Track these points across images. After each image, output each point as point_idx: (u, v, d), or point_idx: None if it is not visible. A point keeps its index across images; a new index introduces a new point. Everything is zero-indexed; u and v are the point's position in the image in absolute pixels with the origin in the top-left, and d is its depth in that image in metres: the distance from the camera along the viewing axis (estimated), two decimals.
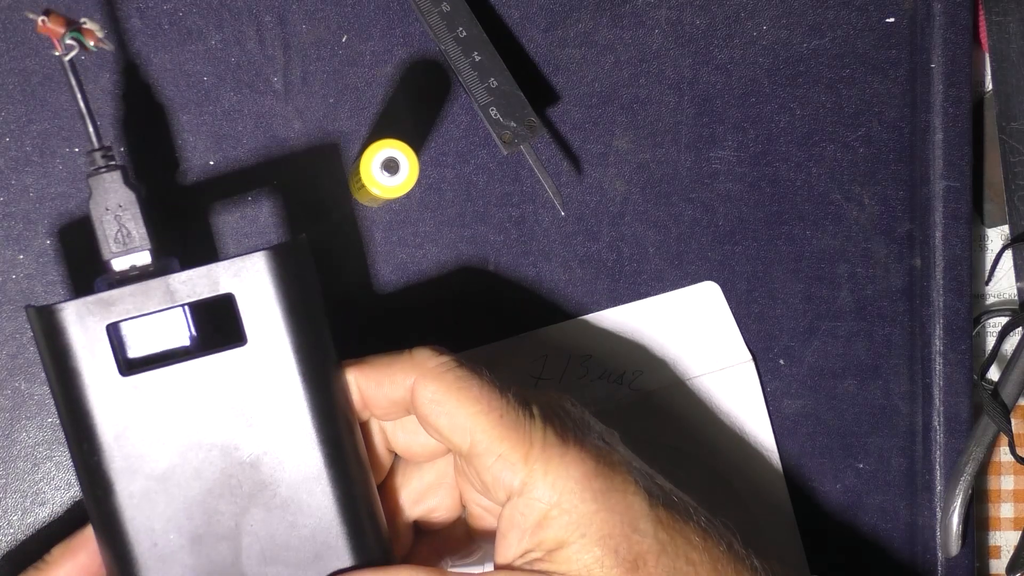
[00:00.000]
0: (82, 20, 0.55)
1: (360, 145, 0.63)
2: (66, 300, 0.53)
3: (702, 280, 0.65)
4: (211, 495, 0.54)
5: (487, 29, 0.62)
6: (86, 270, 0.61)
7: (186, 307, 0.54)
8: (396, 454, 0.57)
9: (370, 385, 0.55)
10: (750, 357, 0.65)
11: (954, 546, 0.65)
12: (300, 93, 0.63)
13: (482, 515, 0.57)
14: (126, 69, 0.61)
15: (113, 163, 0.54)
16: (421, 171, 0.61)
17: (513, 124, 0.62)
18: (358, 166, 0.58)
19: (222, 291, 0.53)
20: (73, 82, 0.54)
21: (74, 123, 0.61)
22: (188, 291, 0.53)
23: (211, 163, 0.62)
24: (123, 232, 0.54)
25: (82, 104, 0.54)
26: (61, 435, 0.61)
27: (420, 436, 0.56)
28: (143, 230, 0.54)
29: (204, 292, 0.53)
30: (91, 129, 0.54)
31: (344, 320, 0.63)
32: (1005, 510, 0.69)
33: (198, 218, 0.62)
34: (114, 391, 0.53)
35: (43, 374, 0.61)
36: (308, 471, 0.54)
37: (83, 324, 0.53)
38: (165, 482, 0.53)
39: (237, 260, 0.53)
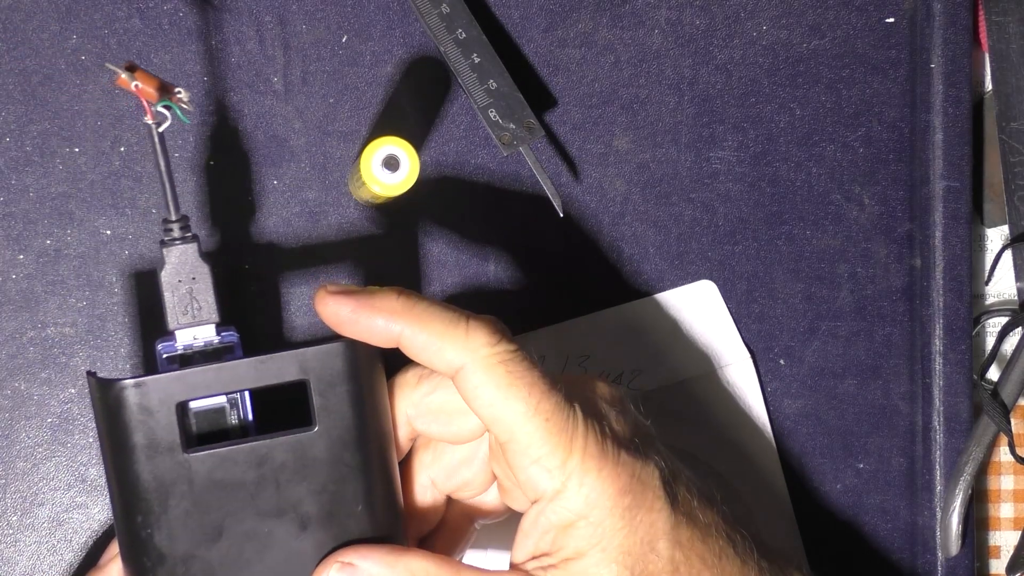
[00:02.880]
0: (177, 89, 0.52)
1: (360, 145, 0.63)
2: (136, 376, 0.52)
3: (702, 280, 0.65)
4: (270, 572, 0.54)
5: (487, 30, 0.62)
6: (87, 271, 0.61)
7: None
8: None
9: (415, 346, 0.53)
10: (748, 355, 0.65)
11: (954, 546, 0.65)
12: (300, 93, 0.63)
13: (510, 491, 0.57)
14: None
15: (189, 235, 0.54)
16: (421, 171, 0.61)
17: (512, 126, 0.62)
18: (358, 164, 0.57)
19: (296, 377, 0.54)
20: (159, 151, 0.53)
21: (74, 123, 0.61)
22: (262, 375, 0.53)
23: (211, 163, 0.62)
24: (194, 305, 0.54)
25: (165, 176, 0.53)
26: (61, 435, 0.61)
27: (453, 427, 0.55)
28: (213, 303, 0.54)
29: (278, 377, 0.53)
30: (170, 200, 0.54)
31: None
32: (1005, 510, 0.69)
33: (198, 219, 0.62)
34: (176, 468, 0.53)
35: (42, 373, 0.61)
36: None
37: (153, 401, 0.52)
38: (220, 565, 0.53)
39: (314, 349, 0.53)
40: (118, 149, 0.61)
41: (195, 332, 0.54)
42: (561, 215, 0.64)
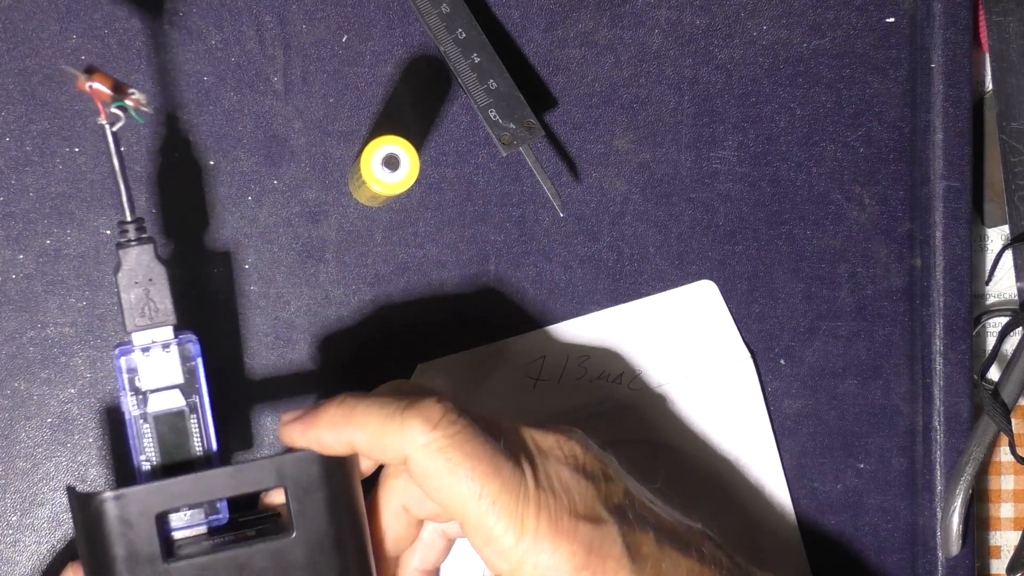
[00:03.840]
0: (131, 90, 0.52)
1: (360, 144, 0.63)
2: (115, 489, 0.53)
3: (702, 280, 0.65)
4: None
5: (487, 30, 0.62)
6: (87, 271, 0.61)
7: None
8: None
9: (363, 449, 0.54)
10: (748, 355, 0.65)
11: (954, 546, 0.65)
12: (300, 93, 0.63)
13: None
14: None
15: (145, 236, 0.54)
16: (421, 171, 0.61)
17: (512, 126, 0.62)
18: (358, 164, 0.57)
19: (273, 484, 0.54)
20: (114, 152, 0.53)
21: (74, 123, 0.61)
22: (240, 484, 0.54)
23: (211, 163, 0.62)
24: (151, 306, 0.54)
25: (120, 175, 0.54)
26: (61, 435, 0.61)
27: (427, 504, 0.56)
28: (169, 305, 0.54)
29: (256, 485, 0.54)
30: (126, 200, 0.54)
31: (343, 322, 0.63)
32: (1005, 510, 0.69)
33: (198, 219, 0.62)
34: None
35: (42, 373, 0.61)
36: None
37: (132, 513, 0.53)
38: None
39: (291, 457, 0.54)
40: (124, 149, 0.61)
41: (152, 334, 0.54)
42: (561, 215, 0.64)
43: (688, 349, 0.65)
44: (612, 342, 0.64)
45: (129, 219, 0.54)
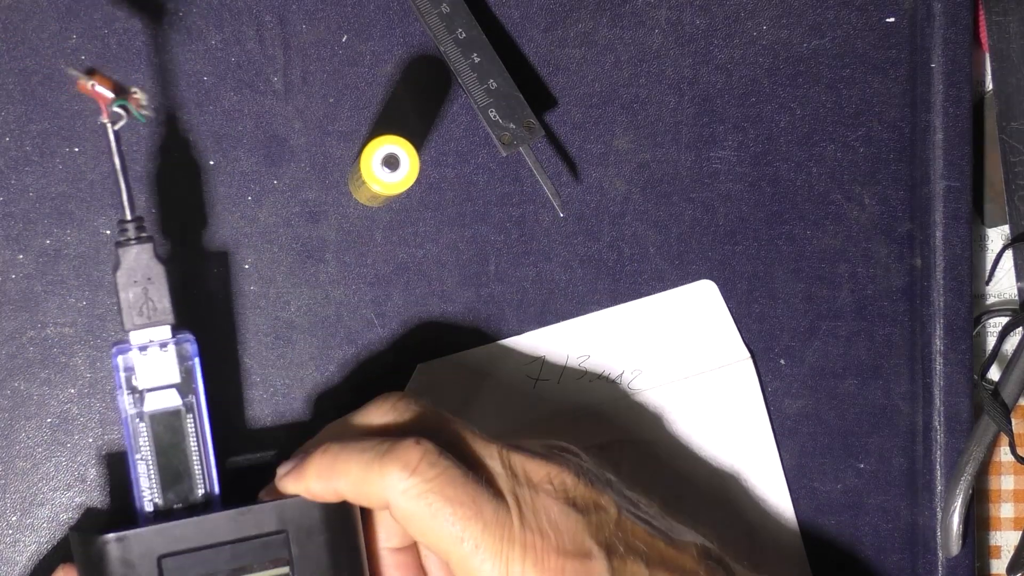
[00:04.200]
0: (133, 90, 0.53)
1: (360, 144, 0.63)
2: (117, 531, 0.53)
3: (702, 280, 0.65)
4: None
5: (487, 29, 0.62)
6: (87, 271, 0.61)
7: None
8: None
9: (349, 496, 0.54)
10: (748, 355, 0.65)
11: (954, 546, 0.65)
12: (300, 93, 0.63)
13: None
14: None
15: (144, 235, 0.54)
16: (421, 171, 0.61)
17: (512, 126, 0.62)
18: (358, 164, 0.57)
19: (274, 528, 0.55)
20: (115, 151, 0.53)
21: (74, 123, 0.61)
22: (242, 527, 0.54)
23: (211, 163, 0.62)
24: (149, 305, 0.54)
25: (120, 174, 0.54)
26: (61, 435, 0.61)
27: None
28: (168, 304, 0.55)
29: (257, 529, 0.54)
30: (126, 200, 0.54)
31: (343, 322, 0.63)
32: (1005, 510, 0.69)
33: (198, 219, 0.62)
34: None
35: (42, 373, 0.61)
36: None
37: (135, 555, 0.53)
38: None
39: (292, 501, 0.55)
40: (124, 151, 0.61)
41: (150, 333, 0.55)
42: (561, 215, 0.64)
43: (688, 349, 0.65)
44: (612, 342, 0.64)
45: (129, 218, 0.54)
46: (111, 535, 0.53)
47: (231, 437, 0.62)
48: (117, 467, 0.62)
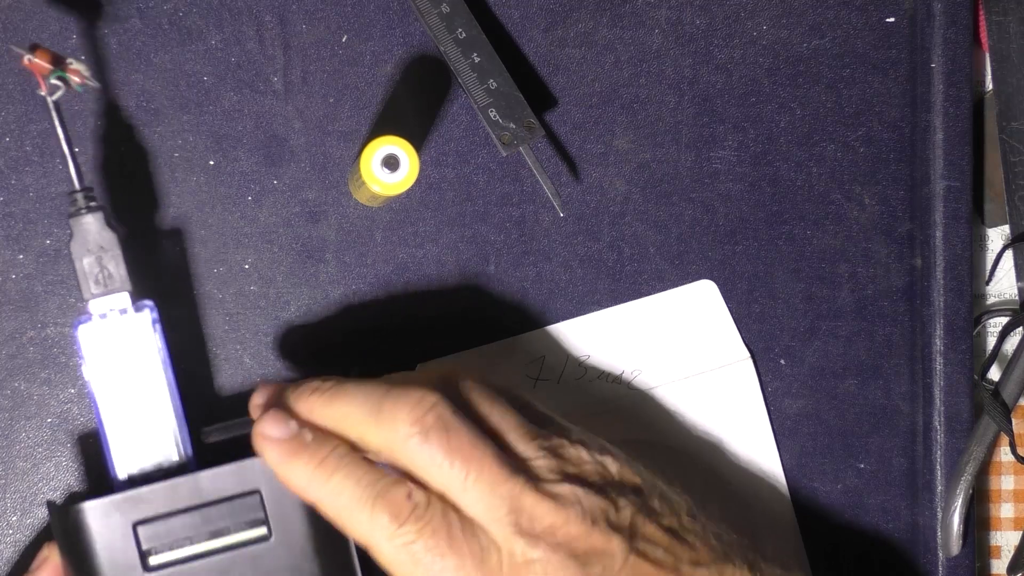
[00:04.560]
0: (68, 60, 0.54)
1: (360, 144, 0.63)
2: (90, 499, 0.53)
3: (702, 280, 0.65)
4: None
5: (487, 29, 0.62)
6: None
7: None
8: None
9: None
10: (748, 355, 0.65)
11: (955, 546, 0.65)
12: (300, 93, 0.63)
13: None
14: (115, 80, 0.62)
15: (94, 204, 0.55)
16: (421, 171, 0.61)
17: (512, 125, 0.62)
18: (358, 164, 0.58)
19: (249, 488, 0.55)
20: (56, 122, 0.54)
21: (74, 123, 0.61)
22: (216, 488, 0.54)
23: (211, 163, 0.62)
24: (104, 273, 0.55)
25: (65, 145, 0.55)
26: (61, 435, 0.61)
27: None
28: (123, 272, 0.55)
29: (231, 489, 0.54)
30: (73, 170, 0.55)
31: (344, 322, 0.63)
32: (1006, 510, 0.69)
33: (198, 219, 0.62)
34: None
35: (42, 373, 0.61)
36: None
37: (109, 523, 0.53)
38: None
39: (261, 459, 0.54)
40: (118, 149, 0.61)
41: (109, 302, 0.55)
42: (561, 215, 0.64)
43: (688, 349, 0.65)
44: (612, 342, 0.64)
45: (78, 188, 0.55)
46: (85, 503, 0.53)
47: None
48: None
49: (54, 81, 0.54)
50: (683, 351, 0.65)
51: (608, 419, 0.64)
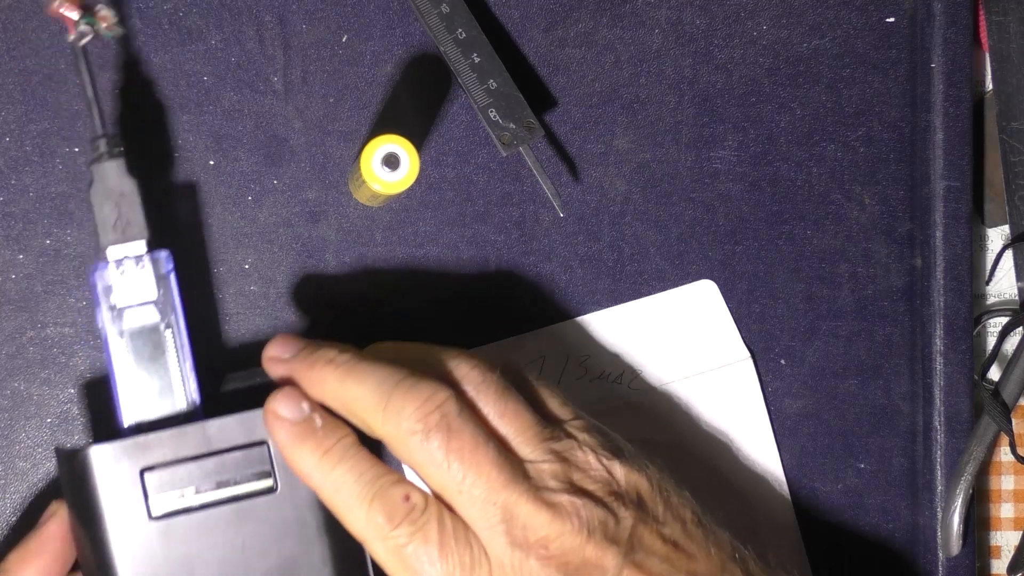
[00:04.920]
0: (97, 7, 0.55)
1: (360, 144, 0.63)
2: (97, 443, 0.53)
3: (702, 280, 0.65)
4: None
5: (487, 29, 0.62)
6: (87, 271, 0.61)
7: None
8: None
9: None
10: (748, 354, 0.65)
11: (955, 546, 0.65)
12: (300, 93, 0.63)
13: None
14: (126, 66, 0.61)
15: (117, 151, 0.56)
16: (421, 171, 0.61)
17: (512, 126, 0.62)
18: (358, 163, 0.58)
19: (256, 439, 0.55)
20: (83, 68, 0.55)
21: (74, 123, 0.61)
22: (223, 438, 0.54)
23: (211, 163, 0.62)
24: (122, 220, 0.55)
25: (90, 90, 0.55)
26: (61, 435, 0.61)
27: None
28: (142, 219, 0.55)
29: (239, 439, 0.55)
30: (96, 116, 0.55)
31: (344, 322, 0.63)
32: (1006, 510, 0.69)
33: (198, 219, 0.62)
34: (142, 535, 0.54)
35: (42, 373, 0.61)
36: None
37: (116, 468, 0.54)
38: None
39: None
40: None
41: (126, 249, 0.56)
42: (561, 215, 0.64)
43: (688, 349, 0.65)
44: (612, 342, 0.64)
45: (100, 133, 0.55)
46: (92, 447, 0.53)
47: None
48: None
49: (83, 27, 0.55)
50: (683, 351, 0.65)
51: (608, 419, 0.64)
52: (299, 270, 0.63)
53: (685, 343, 0.65)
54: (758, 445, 0.66)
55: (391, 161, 0.57)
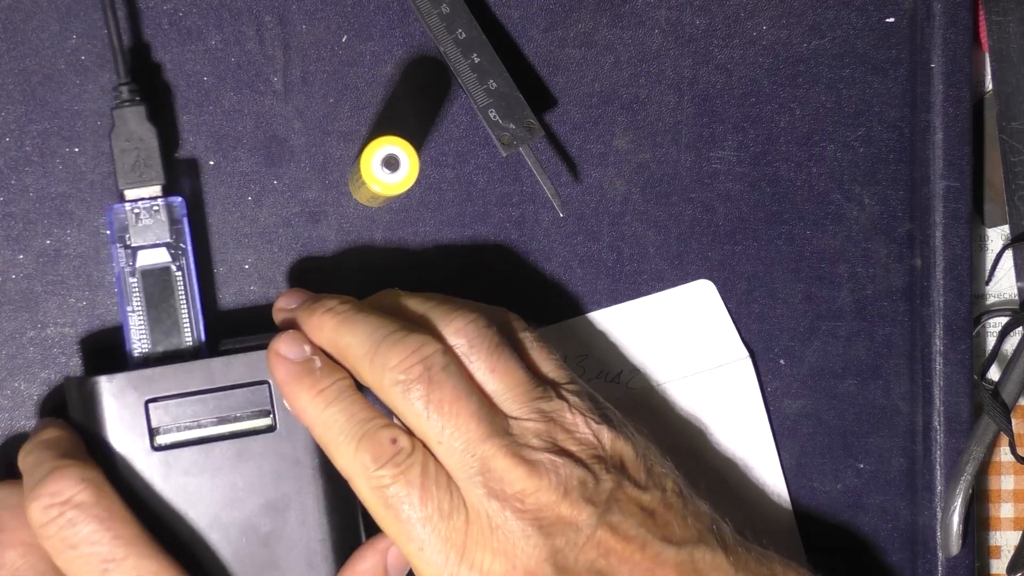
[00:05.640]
0: None
1: (360, 145, 0.63)
2: (106, 375, 0.56)
3: (700, 279, 0.65)
4: (224, 571, 0.57)
5: (486, 29, 0.62)
6: (87, 271, 0.61)
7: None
8: None
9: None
10: (747, 354, 0.65)
11: (954, 546, 0.65)
12: (300, 93, 0.63)
13: None
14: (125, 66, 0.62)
15: (138, 98, 0.58)
16: (421, 171, 0.61)
17: (512, 126, 0.62)
18: (358, 164, 0.58)
19: (257, 378, 0.57)
20: (110, 18, 0.58)
21: (74, 123, 0.61)
22: (226, 376, 0.57)
23: (211, 163, 0.62)
24: (140, 163, 0.58)
25: (115, 39, 0.58)
26: None
27: None
28: (159, 164, 0.58)
29: (241, 378, 0.57)
30: (120, 63, 0.58)
31: None
32: (1005, 510, 0.69)
33: (198, 218, 0.62)
34: (144, 465, 0.56)
35: (42, 373, 0.61)
36: (314, 559, 0.57)
37: (123, 398, 0.56)
38: (182, 556, 0.55)
39: None
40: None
41: (142, 192, 0.58)
42: (561, 215, 0.64)
43: (687, 348, 0.65)
44: (610, 341, 0.64)
45: (123, 80, 0.58)
46: (101, 377, 0.56)
47: None
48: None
49: None
50: (682, 351, 0.65)
51: None
52: (299, 270, 0.63)
53: (684, 343, 0.65)
54: (757, 445, 0.66)
55: (391, 163, 0.57)
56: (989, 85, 0.68)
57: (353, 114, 0.63)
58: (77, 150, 0.61)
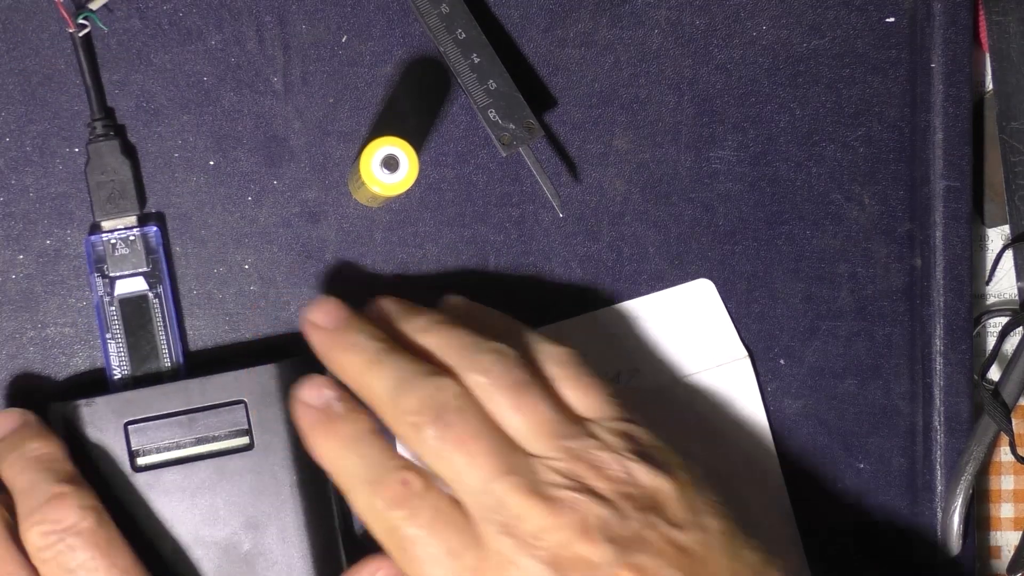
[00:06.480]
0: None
1: (360, 145, 0.63)
2: (88, 398, 0.57)
3: (699, 279, 0.65)
4: None
5: (486, 30, 0.62)
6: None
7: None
8: None
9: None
10: (746, 353, 0.65)
11: (955, 546, 0.65)
12: (300, 93, 0.63)
13: None
14: (126, 66, 0.62)
15: (112, 133, 0.60)
16: (421, 171, 0.61)
17: (512, 126, 0.62)
18: (358, 164, 0.58)
19: (235, 398, 0.58)
20: (82, 58, 0.60)
21: (74, 123, 0.61)
22: (204, 396, 0.58)
23: (211, 163, 0.62)
24: (115, 195, 0.60)
25: (89, 78, 0.60)
26: None
27: None
28: (133, 196, 0.60)
29: (219, 398, 0.58)
30: (94, 100, 0.60)
31: None
32: (1005, 510, 0.69)
33: (198, 219, 0.62)
34: (125, 486, 0.57)
35: (42, 373, 0.61)
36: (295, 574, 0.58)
37: (103, 421, 0.57)
38: None
39: (250, 371, 0.58)
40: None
41: (118, 222, 0.60)
42: (561, 215, 0.64)
43: (686, 348, 0.65)
44: (609, 341, 0.64)
45: (97, 116, 0.60)
46: (81, 400, 0.57)
47: None
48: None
49: (81, 21, 0.60)
50: (681, 350, 0.65)
51: None
52: (299, 270, 0.63)
53: (683, 342, 0.65)
54: (757, 445, 0.66)
55: (390, 163, 0.57)
56: (989, 85, 0.68)
57: (353, 114, 0.63)
58: (77, 150, 0.61)
